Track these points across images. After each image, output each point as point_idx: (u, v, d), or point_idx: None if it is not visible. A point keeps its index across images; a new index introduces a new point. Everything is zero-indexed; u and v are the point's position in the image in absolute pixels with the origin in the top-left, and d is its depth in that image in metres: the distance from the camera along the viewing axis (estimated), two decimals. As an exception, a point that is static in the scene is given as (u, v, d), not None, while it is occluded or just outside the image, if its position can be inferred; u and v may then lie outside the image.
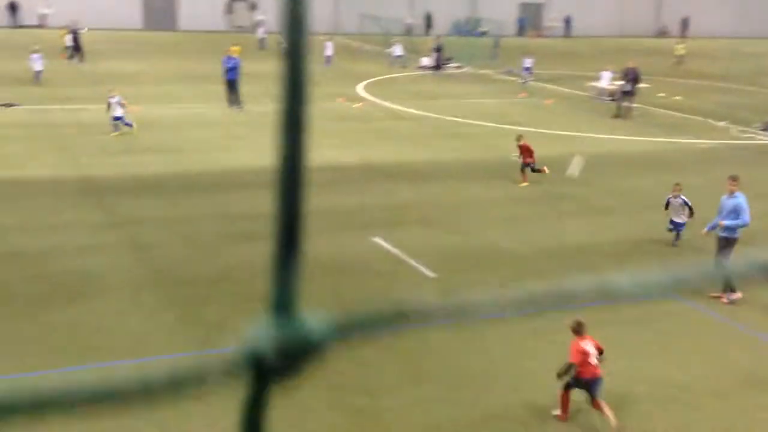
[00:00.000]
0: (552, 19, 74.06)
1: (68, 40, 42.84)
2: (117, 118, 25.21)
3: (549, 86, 40.11)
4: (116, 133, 25.02)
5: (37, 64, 34.47)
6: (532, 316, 13.40)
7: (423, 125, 29.63)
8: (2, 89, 31.25)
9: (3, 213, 17.49)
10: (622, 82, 33.38)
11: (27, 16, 55.10)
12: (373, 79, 40.76)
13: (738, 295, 14.09)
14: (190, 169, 21.83)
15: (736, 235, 14.25)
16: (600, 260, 15.96)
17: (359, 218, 18.17)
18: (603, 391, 10.15)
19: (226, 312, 12.57)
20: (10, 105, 28.89)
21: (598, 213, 19.42)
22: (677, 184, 17.02)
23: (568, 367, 10.07)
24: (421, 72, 44.87)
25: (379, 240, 16.59)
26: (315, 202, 18.27)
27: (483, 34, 64.39)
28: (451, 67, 46.09)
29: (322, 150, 23.97)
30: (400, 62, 45.97)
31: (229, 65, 30.48)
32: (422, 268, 15.17)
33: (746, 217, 14.05)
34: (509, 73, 44.58)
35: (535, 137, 27.91)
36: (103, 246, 15.69)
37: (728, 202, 14.26)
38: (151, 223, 17.10)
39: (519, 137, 21.94)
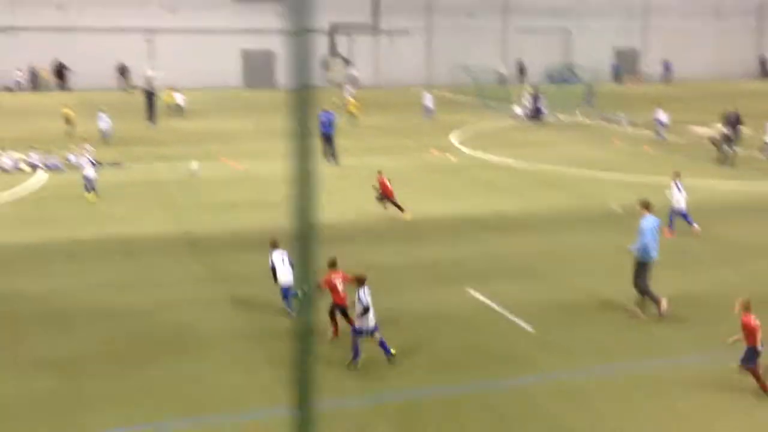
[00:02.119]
0: (649, 64, 72.96)
1: (178, 98, 44.83)
2: (87, 178, 24.34)
3: (647, 132, 39.36)
4: (90, 194, 24.27)
5: (104, 123, 35.52)
6: (637, 375, 12.94)
7: (517, 175, 29.46)
8: (109, 149, 32.67)
9: (112, 270, 18.16)
10: (720, 126, 32.51)
11: (135, 78, 57.60)
12: (466, 130, 40.87)
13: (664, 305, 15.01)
14: (286, 224, 22.19)
15: (642, 259, 15.05)
16: (705, 313, 15.40)
17: (453, 270, 18.09)
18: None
19: (320, 369, 12.64)
20: (117, 164, 30.16)
21: (699, 263, 18.80)
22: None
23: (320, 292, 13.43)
24: (515, 121, 44.76)
25: (473, 292, 16.47)
26: (409, 254, 18.22)
27: (577, 81, 63.91)
28: (546, 116, 45.83)
29: (414, 202, 24.06)
30: (524, 113, 45.43)
31: (325, 119, 31.14)
32: (519, 322, 14.94)
33: (643, 239, 14.94)
34: (605, 119, 44.00)
35: (634, 185, 27.34)
36: (205, 301, 16.08)
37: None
38: (249, 278, 17.43)
39: (379, 171, 23.13)
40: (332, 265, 13.83)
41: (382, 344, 13.07)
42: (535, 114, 44.89)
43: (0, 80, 55.64)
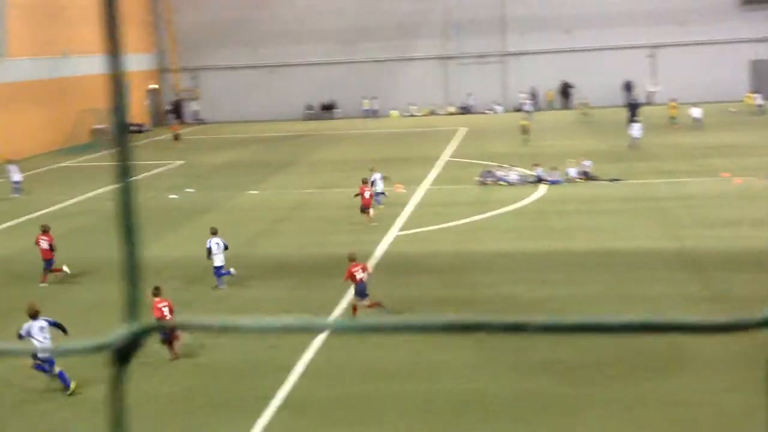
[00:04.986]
0: None
1: (695, 113, 44.20)
2: (378, 194, 27.22)
3: None
4: (379, 206, 26.74)
5: (636, 131, 38.28)
6: None
7: None
8: (609, 165, 33.29)
9: (603, 282, 18.56)
10: None
11: (638, 93, 57.56)
12: None
13: None
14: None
15: None
16: None
17: None
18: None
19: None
20: (616, 180, 30.66)
21: None
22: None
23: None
24: None
25: None
26: None
27: None
28: None
29: None
30: None
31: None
32: None
33: None
34: None
35: None
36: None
37: None
38: (750, 299, 16.41)
39: (363, 180, 26.19)
40: (156, 293, 15.54)
41: (61, 376, 13.77)
42: None
43: (499, 104, 60.17)
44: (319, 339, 15.59)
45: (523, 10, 58.19)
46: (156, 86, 61.95)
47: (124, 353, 1.29)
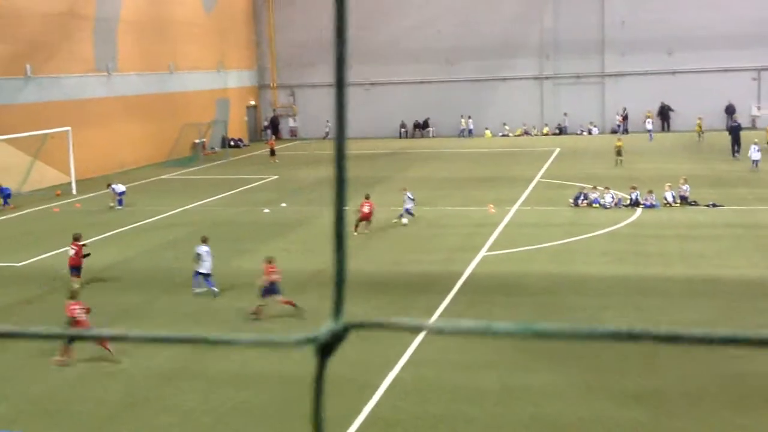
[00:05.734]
0: None
1: None
2: (407, 209, 28.66)
3: None
4: (400, 220, 28.31)
5: (756, 154, 37.44)
6: None
7: None
8: (709, 190, 32.28)
9: (698, 310, 17.98)
10: None
11: (741, 118, 55.55)
12: None
13: None
14: None
15: None
16: None
17: None
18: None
19: None
20: (716, 205, 29.72)
21: None
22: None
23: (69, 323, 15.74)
24: None
25: None
26: None
27: None
28: None
29: None
30: None
31: None
32: None
33: None
34: None
35: None
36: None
37: None
38: None
39: (366, 196, 27.37)
40: (72, 296, 16.26)
41: None
42: None
43: (594, 125, 59.05)
44: (405, 357, 15.61)
45: (623, 31, 57.18)
46: (254, 103, 63.42)
47: (327, 348, 1.48)
